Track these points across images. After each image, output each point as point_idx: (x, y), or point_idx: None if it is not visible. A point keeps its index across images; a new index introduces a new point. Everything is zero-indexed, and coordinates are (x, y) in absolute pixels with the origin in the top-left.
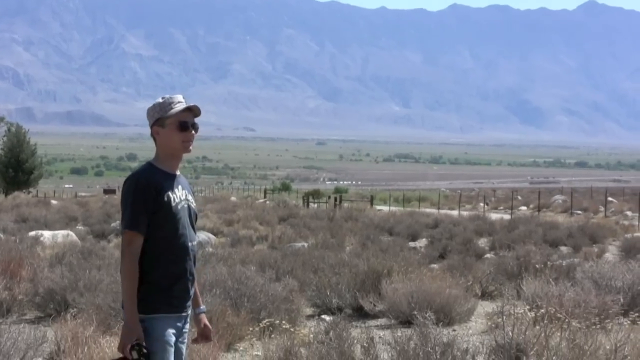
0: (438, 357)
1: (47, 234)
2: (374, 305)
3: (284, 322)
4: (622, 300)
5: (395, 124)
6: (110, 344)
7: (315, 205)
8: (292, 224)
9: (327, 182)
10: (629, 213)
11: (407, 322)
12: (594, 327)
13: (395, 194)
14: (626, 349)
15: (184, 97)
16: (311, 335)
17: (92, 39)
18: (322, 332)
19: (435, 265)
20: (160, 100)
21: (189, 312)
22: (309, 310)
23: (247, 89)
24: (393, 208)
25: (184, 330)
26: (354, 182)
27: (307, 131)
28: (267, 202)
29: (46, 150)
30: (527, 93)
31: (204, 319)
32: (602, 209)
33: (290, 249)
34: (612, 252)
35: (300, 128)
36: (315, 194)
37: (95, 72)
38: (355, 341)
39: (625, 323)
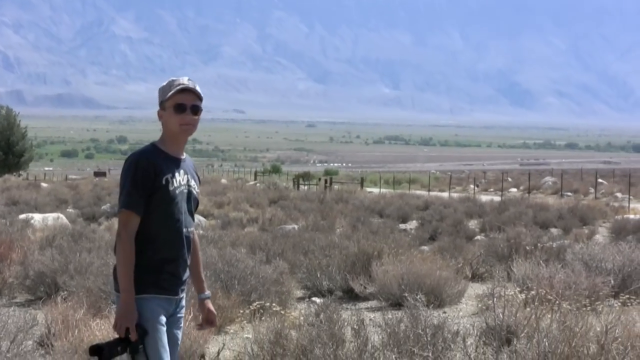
0: (429, 339)
1: (37, 217)
2: (365, 288)
3: (274, 304)
4: (612, 282)
5: (385, 106)
6: (101, 327)
7: (306, 187)
8: (282, 206)
9: (318, 164)
10: (619, 195)
11: (397, 304)
12: (584, 308)
13: (386, 176)
14: (617, 330)
15: (190, 80)
16: (301, 318)
17: (81, 22)
18: (312, 314)
19: (425, 247)
20: (164, 83)
21: (182, 296)
22: (299, 293)
23: (237, 71)
24: (383, 190)
25: (178, 315)
26: (344, 164)
27: (297, 113)
28: (258, 184)
29: (36, 133)
30: (516, 75)
31: (209, 304)
32: (592, 190)
33: (280, 231)
34: (602, 234)
35: (290, 110)
36: (306, 176)
37: (85, 55)
38: (346, 323)
39: (615, 305)
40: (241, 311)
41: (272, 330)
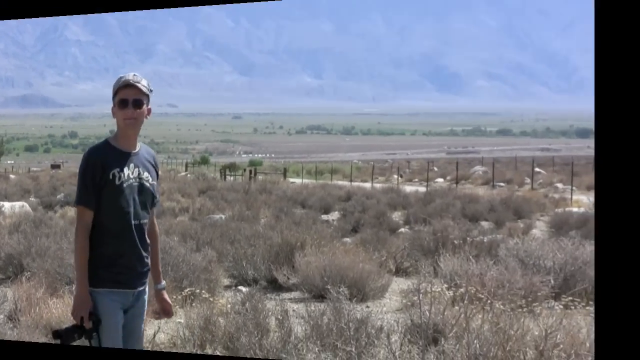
0: (352, 333)
1: (7, 205)
2: (288, 278)
3: (204, 291)
4: (552, 281)
5: (308, 96)
6: (57, 306)
7: (232, 178)
8: (210, 196)
9: (243, 155)
10: (559, 185)
11: (320, 296)
12: (520, 310)
13: (308, 167)
14: (558, 336)
15: (135, 74)
16: (229, 306)
17: (41, 29)
18: (239, 302)
19: (348, 239)
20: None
21: (142, 289)
22: (226, 281)
23: (170, 68)
24: (306, 180)
25: (142, 308)
26: (268, 155)
27: (224, 106)
28: (188, 175)
29: (6, 131)
30: (443, 58)
31: (164, 294)
32: (529, 180)
33: (209, 220)
34: (540, 228)
35: (217, 103)
36: (232, 167)
37: (44, 59)
38: (270, 313)
39: (556, 307)
40: (174, 297)
41: (201, 316)
